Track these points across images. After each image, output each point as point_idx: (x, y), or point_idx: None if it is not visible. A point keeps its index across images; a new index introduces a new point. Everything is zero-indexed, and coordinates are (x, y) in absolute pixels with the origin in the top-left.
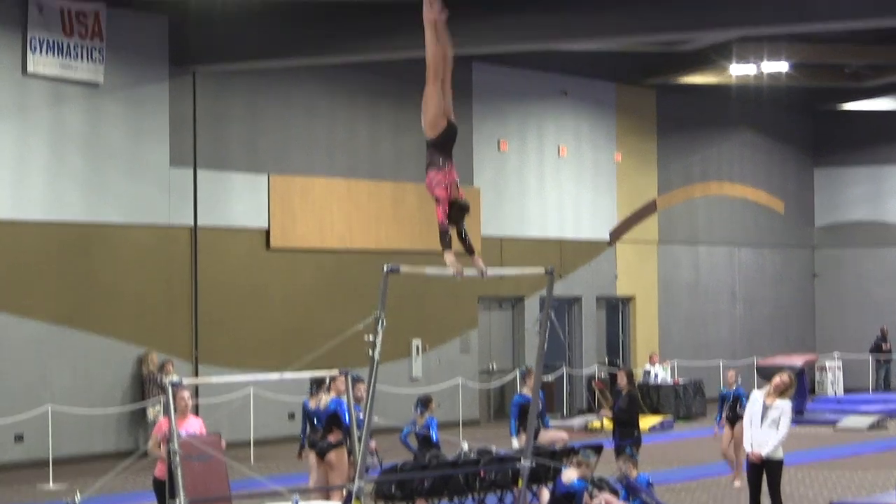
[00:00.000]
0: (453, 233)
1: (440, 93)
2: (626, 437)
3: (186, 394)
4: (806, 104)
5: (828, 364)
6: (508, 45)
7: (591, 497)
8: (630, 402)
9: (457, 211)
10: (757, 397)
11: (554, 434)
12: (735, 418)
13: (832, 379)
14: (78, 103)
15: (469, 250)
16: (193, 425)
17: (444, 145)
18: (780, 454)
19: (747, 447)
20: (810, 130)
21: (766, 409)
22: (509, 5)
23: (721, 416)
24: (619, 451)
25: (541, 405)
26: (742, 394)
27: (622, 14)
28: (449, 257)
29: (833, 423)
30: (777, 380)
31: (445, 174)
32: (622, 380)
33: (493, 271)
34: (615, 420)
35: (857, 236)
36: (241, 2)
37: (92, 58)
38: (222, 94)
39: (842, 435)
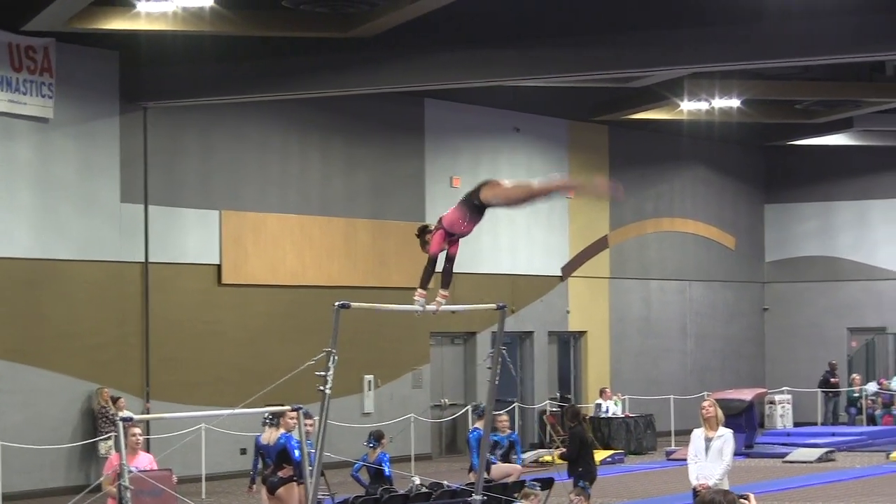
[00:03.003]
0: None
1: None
2: (573, 473)
3: (137, 430)
4: (757, 140)
5: (777, 398)
6: (460, 81)
7: None
8: (572, 440)
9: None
10: (697, 434)
11: (507, 468)
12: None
13: (781, 412)
14: (27, 139)
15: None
16: (144, 461)
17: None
18: (726, 485)
19: (693, 481)
20: (761, 166)
21: (708, 441)
22: (461, 42)
23: (477, 460)
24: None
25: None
26: (516, 439)
27: (574, 51)
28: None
29: (782, 455)
30: (704, 412)
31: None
32: (568, 418)
33: (444, 308)
34: (565, 457)
35: (806, 271)
36: (193, 37)
37: (41, 93)
38: (173, 130)
39: (791, 467)
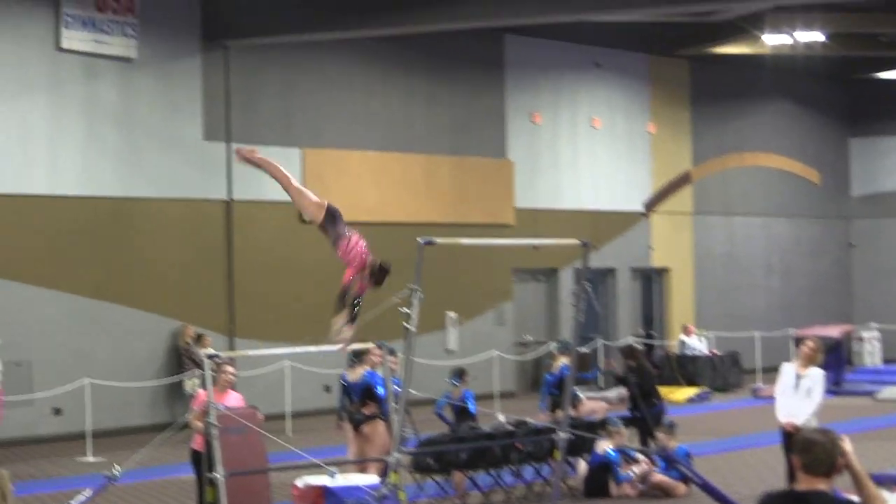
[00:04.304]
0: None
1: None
2: (648, 407)
3: (231, 368)
4: (841, 74)
5: (865, 335)
6: (541, 16)
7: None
8: (641, 376)
9: (379, 272)
10: (788, 369)
11: (592, 405)
12: (559, 403)
13: (870, 349)
14: (111, 78)
15: (352, 318)
16: (233, 399)
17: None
18: (814, 424)
19: (781, 417)
20: (846, 100)
21: (798, 378)
22: None
23: (545, 402)
24: (643, 424)
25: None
26: (567, 374)
27: None
28: (340, 321)
29: (872, 393)
30: (804, 348)
31: (353, 242)
32: (626, 356)
33: (531, 242)
34: (632, 397)
35: (893, 206)
36: None
37: (125, 33)
38: (255, 68)
39: (881, 405)
